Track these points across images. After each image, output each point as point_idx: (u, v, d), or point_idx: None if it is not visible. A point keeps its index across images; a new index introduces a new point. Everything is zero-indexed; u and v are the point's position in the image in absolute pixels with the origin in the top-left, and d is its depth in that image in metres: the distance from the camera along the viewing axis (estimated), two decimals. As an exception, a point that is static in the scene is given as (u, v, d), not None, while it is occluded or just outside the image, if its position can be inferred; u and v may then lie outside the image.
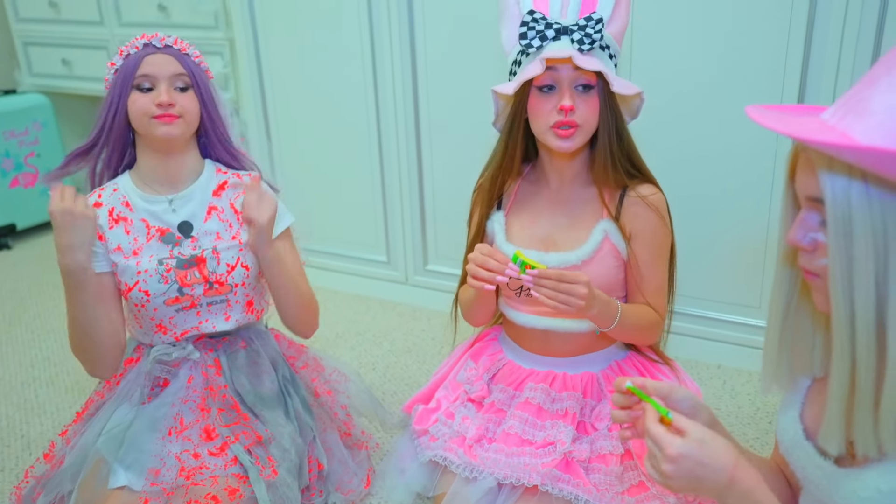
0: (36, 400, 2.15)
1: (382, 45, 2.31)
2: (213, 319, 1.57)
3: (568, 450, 1.46)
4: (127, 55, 1.48)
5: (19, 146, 3.26)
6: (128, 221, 1.54)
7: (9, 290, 2.89)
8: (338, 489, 1.65)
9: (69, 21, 3.11)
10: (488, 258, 1.37)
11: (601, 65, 1.34)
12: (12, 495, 1.56)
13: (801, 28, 1.77)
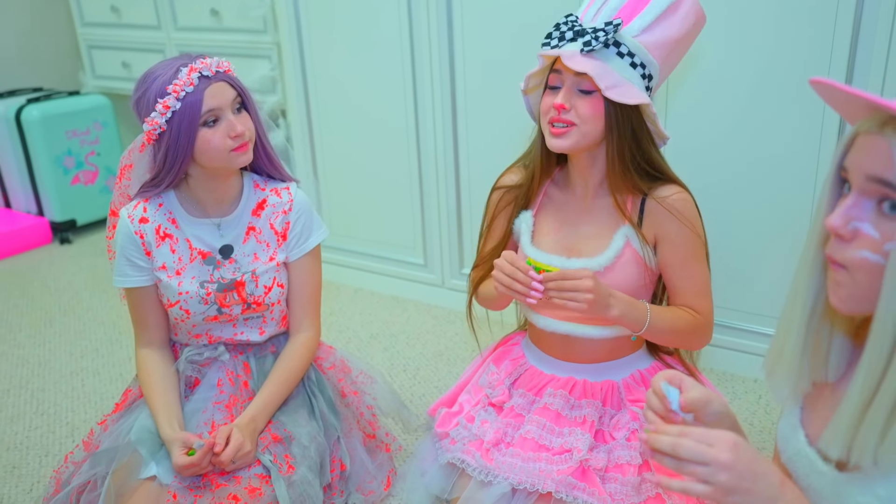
0: (82, 389, 2.24)
1: (421, 50, 2.33)
2: (248, 333, 1.62)
3: (584, 457, 1.45)
4: (184, 94, 1.41)
5: (81, 145, 3.39)
6: (173, 239, 1.56)
7: (66, 282, 3.00)
8: (358, 489, 1.67)
9: (129, 25, 3.23)
10: (517, 271, 1.35)
11: (596, 68, 1.32)
12: (52, 479, 1.62)
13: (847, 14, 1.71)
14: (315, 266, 1.65)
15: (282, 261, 1.60)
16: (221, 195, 1.56)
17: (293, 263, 1.62)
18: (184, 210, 1.57)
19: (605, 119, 1.39)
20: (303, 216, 1.61)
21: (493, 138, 2.30)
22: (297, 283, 1.63)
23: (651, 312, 1.41)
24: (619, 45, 1.36)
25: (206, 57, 1.46)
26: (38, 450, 1.98)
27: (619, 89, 1.34)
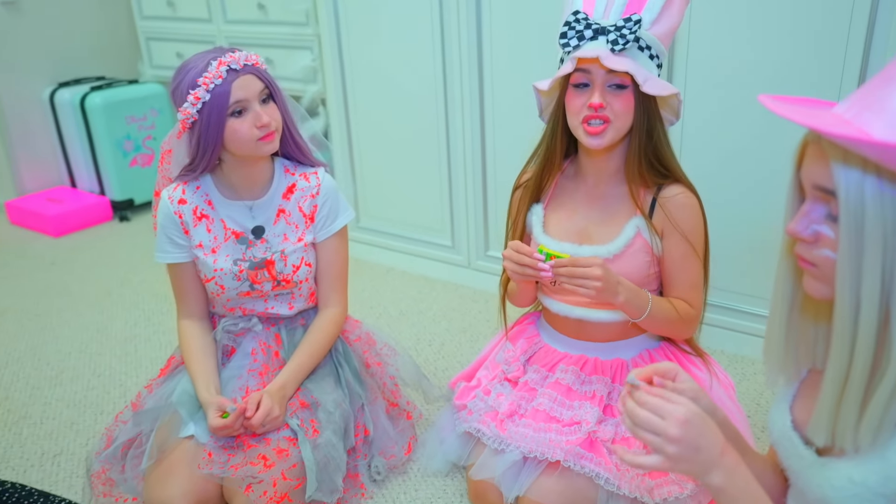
0: (135, 354, 2.30)
1: (451, 43, 2.32)
2: (278, 308, 1.64)
3: (592, 430, 1.45)
4: (213, 87, 1.42)
5: (139, 130, 3.45)
6: (209, 220, 1.58)
7: (124, 256, 3.07)
8: (381, 454, 1.69)
9: (183, 18, 3.25)
10: (522, 256, 1.35)
11: (631, 65, 1.30)
12: (104, 435, 1.67)
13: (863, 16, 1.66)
14: (341, 246, 1.66)
15: (309, 241, 1.61)
16: (253, 180, 1.58)
17: (321, 244, 1.63)
18: (219, 192, 1.59)
19: (635, 112, 1.37)
20: (329, 200, 1.61)
21: (518, 129, 2.28)
22: (324, 262, 1.64)
23: (652, 302, 1.40)
24: (639, 39, 1.33)
25: (237, 50, 1.46)
26: (93, 408, 2.04)
27: (651, 82, 1.33)
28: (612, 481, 1.39)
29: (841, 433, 0.78)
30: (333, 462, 1.51)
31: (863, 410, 0.76)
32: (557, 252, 1.33)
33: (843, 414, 0.78)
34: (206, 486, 1.50)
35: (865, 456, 0.78)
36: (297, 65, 2.84)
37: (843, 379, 0.77)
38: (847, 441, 0.78)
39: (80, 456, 1.82)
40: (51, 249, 3.19)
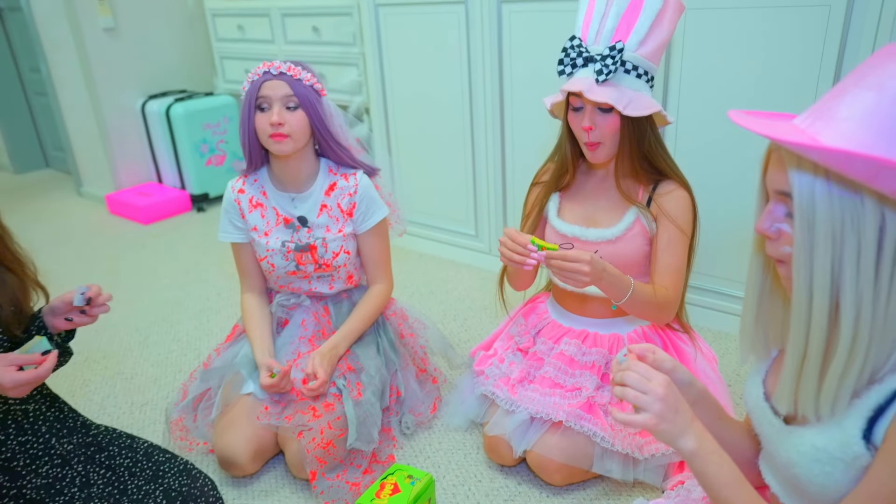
0: (207, 323, 2.34)
1: (476, 60, 2.30)
2: (320, 287, 1.65)
3: (591, 395, 1.44)
4: (252, 81, 1.47)
5: (213, 135, 3.48)
6: (263, 207, 1.60)
7: (199, 241, 3.11)
8: (410, 412, 1.71)
9: (251, 40, 3.29)
10: (515, 244, 1.30)
11: (613, 93, 1.27)
12: (180, 389, 1.71)
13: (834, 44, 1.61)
14: (381, 236, 1.66)
15: (349, 232, 1.61)
16: (295, 175, 1.58)
17: (362, 235, 1.63)
18: (272, 184, 1.61)
19: (621, 129, 1.34)
20: (365, 199, 1.60)
21: (532, 135, 2.25)
22: (367, 249, 1.65)
23: (634, 287, 1.35)
24: (625, 63, 1.30)
25: (285, 63, 1.47)
26: (173, 367, 2.08)
27: (633, 104, 1.29)
28: (607, 439, 1.39)
29: (802, 403, 0.77)
30: (371, 418, 1.53)
31: (820, 383, 0.74)
32: (548, 244, 1.30)
33: (802, 386, 0.76)
34: (264, 435, 1.53)
35: (826, 425, 0.76)
36: (345, 79, 2.85)
37: (801, 357, 0.75)
38: (808, 410, 0.76)
39: (161, 406, 1.86)
40: (141, 235, 3.25)
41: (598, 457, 1.41)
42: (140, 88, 3.55)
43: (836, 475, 0.75)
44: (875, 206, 0.67)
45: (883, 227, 0.68)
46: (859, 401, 0.73)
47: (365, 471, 1.52)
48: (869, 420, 0.72)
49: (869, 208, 0.67)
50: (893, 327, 0.71)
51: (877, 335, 0.70)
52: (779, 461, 0.84)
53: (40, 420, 1.25)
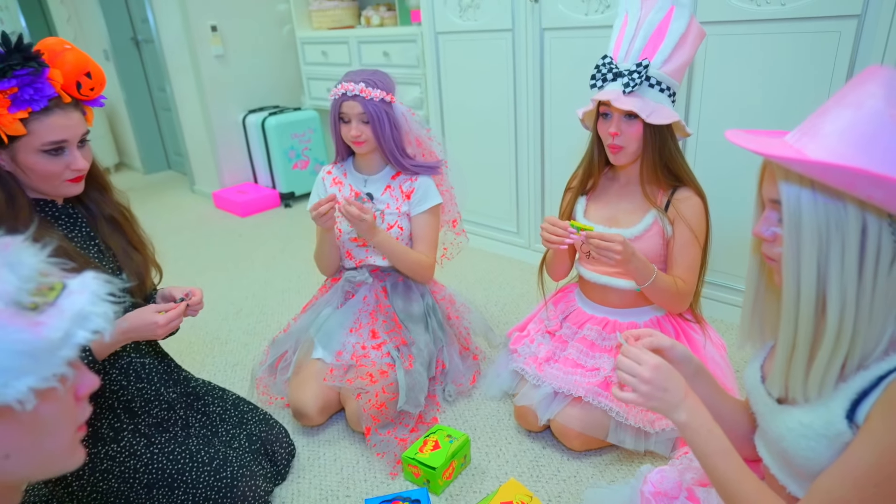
0: (288, 300, 2.39)
1: (521, 80, 2.28)
2: (374, 257, 1.67)
3: (608, 375, 1.42)
4: (334, 98, 1.53)
5: (299, 143, 3.56)
6: (342, 184, 1.67)
7: (285, 233, 3.18)
8: (453, 382, 1.72)
9: (333, 63, 3.34)
10: (555, 227, 1.32)
11: (638, 103, 1.26)
12: (265, 351, 1.77)
13: (843, 68, 1.52)
14: (432, 219, 1.66)
15: (404, 211, 1.63)
16: (369, 163, 1.65)
17: (416, 217, 1.64)
18: (353, 168, 1.67)
19: (644, 136, 1.32)
20: (422, 187, 1.63)
21: (567, 146, 2.22)
22: (418, 228, 1.65)
23: (657, 274, 1.35)
24: (650, 78, 1.27)
25: (365, 81, 1.50)
26: (259, 335, 2.14)
27: (655, 114, 1.27)
28: (621, 414, 1.37)
29: (792, 387, 0.75)
30: (419, 385, 1.55)
31: (808, 370, 0.73)
32: (586, 225, 1.30)
33: (792, 373, 0.74)
34: (329, 393, 1.58)
35: (813, 405, 0.74)
36: (409, 95, 2.87)
37: (791, 346, 0.73)
38: (797, 393, 0.74)
39: (248, 367, 1.91)
40: (239, 225, 3.35)
41: (612, 429, 1.40)
42: (241, 104, 3.67)
43: (820, 450, 0.72)
44: (857, 211, 0.65)
45: (865, 230, 0.65)
46: (845, 384, 0.71)
47: (412, 429, 1.54)
48: (853, 402, 0.70)
49: (852, 213, 0.65)
50: (878, 320, 0.68)
51: (861, 327, 0.68)
52: (771, 436, 0.82)
53: (153, 372, 1.32)
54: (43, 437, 0.52)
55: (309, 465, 1.50)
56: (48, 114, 1.03)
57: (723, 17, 1.68)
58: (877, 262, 0.66)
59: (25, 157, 1.05)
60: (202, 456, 1.25)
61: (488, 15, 2.29)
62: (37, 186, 1.10)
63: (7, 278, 0.46)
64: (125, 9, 4.15)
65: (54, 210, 1.16)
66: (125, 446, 1.21)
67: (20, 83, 0.98)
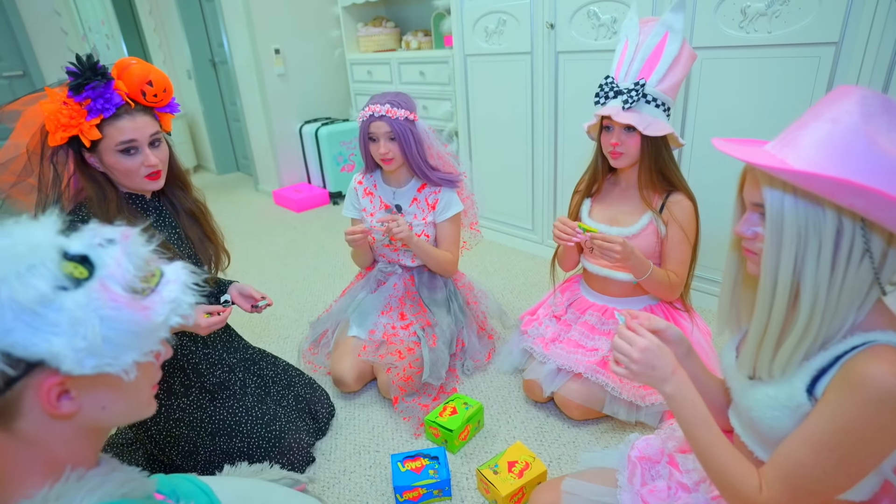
0: (333, 284, 2.41)
1: (538, 97, 2.26)
2: (404, 259, 1.68)
3: (605, 355, 1.41)
4: (363, 119, 1.50)
5: (346, 149, 3.58)
6: (372, 196, 1.66)
7: (331, 226, 3.19)
8: (471, 358, 1.72)
9: (376, 81, 3.35)
10: (565, 226, 1.34)
11: (635, 117, 1.24)
12: (309, 327, 1.81)
13: (822, 90, 1.46)
14: (454, 225, 1.65)
15: (430, 220, 1.62)
16: (398, 178, 1.62)
17: (441, 224, 1.64)
18: (382, 181, 1.65)
19: (641, 145, 1.31)
20: (444, 198, 1.61)
21: (577, 155, 2.20)
22: (442, 233, 1.65)
23: (652, 269, 1.34)
24: (646, 95, 1.26)
25: (390, 102, 1.47)
26: (307, 312, 2.16)
27: (652, 127, 1.26)
28: (616, 389, 1.36)
29: (759, 368, 0.75)
30: (441, 361, 1.56)
31: (775, 353, 0.72)
32: (591, 227, 1.31)
33: (761, 355, 0.74)
34: (363, 366, 1.60)
35: (779, 381, 0.74)
36: (441, 110, 2.88)
37: (763, 332, 0.73)
38: (763, 372, 0.74)
39: (297, 339, 1.95)
40: (294, 219, 3.38)
41: (608, 401, 1.39)
42: (299, 116, 3.71)
43: (783, 419, 0.72)
44: (834, 215, 0.64)
45: (840, 231, 0.64)
46: (808, 363, 0.71)
47: (434, 398, 1.56)
48: (813, 378, 0.69)
49: (829, 217, 0.64)
50: (843, 310, 0.68)
51: (828, 316, 0.68)
52: (741, 408, 0.81)
53: (218, 340, 1.37)
54: (130, 394, 0.55)
55: (345, 424, 1.53)
56: (117, 119, 1.07)
57: (716, 42, 1.63)
58: (848, 260, 0.65)
59: (108, 157, 1.09)
60: (256, 412, 1.30)
61: (510, 40, 2.28)
62: (122, 182, 1.14)
63: (127, 267, 0.49)
64: (205, 35, 4.27)
65: (143, 203, 1.21)
66: (193, 400, 1.27)
67: (92, 95, 1.03)
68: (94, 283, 0.46)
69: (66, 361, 0.45)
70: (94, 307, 0.45)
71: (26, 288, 0.43)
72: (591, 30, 1.98)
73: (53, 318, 0.44)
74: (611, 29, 1.92)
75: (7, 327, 0.44)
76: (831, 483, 0.68)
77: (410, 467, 1.27)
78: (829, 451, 0.66)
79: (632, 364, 0.82)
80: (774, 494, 0.71)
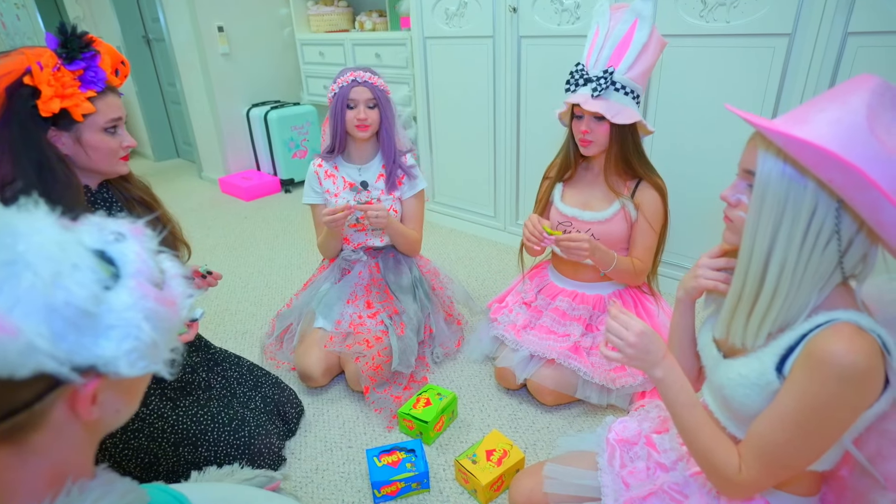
0: (290, 275, 2.34)
1: (500, 80, 2.24)
2: (373, 239, 1.64)
3: (577, 340, 1.43)
4: (342, 86, 1.46)
5: (298, 135, 3.46)
6: (334, 177, 1.59)
7: (285, 215, 3.10)
8: (440, 346, 1.71)
9: (328, 63, 3.24)
10: (535, 229, 1.33)
11: (604, 105, 1.25)
12: (270, 323, 1.74)
13: (776, 78, 1.53)
14: (419, 202, 1.63)
15: (397, 196, 1.59)
16: (362, 154, 1.58)
17: (406, 200, 1.61)
18: (343, 159, 1.60)
19: (611, 133, 1.31)
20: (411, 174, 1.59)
21: (540, 139, 2.20)
22: (407, 210, 1.62)
23: (617, 259, 1.36)
24: (615, 83, 1.26)
25: (368, 72, 1.47)
26: (265, 306, 2.09)
27: (620, 115, 1.26)
28: (588, 374, 1.38)
29: (732, 332, 0.77)
30: (410, 349, 1.54)
31: (748, 320, 0.75)
32: (556, 231, 1.32)
33: (735, 320, 0.77)
34: (330, 358, 1.56)
35: (749, 358, 0.76)
36: (399, 94, 2.81)
37: (738, 298, 0.75)
38: (737, 337, 0.77)
39: (257, 335, 1.88)
40: (243, 209, 3.26)
41: (580, 386, 1.41)
42: (246, 99, 3.55)
43: (753, 396, 0.75)
44: (814, 193, 0.66)
45: (815, 210, 0.67)
46: (775, 342, 0.73)
47: (405, 388, 1.54)
48: (781, 357, 0.72)
49: (809, 193, 0.66)
50: (805, 289, 0.70)
51: (793, 292, 0.70)
52: (714, 385, 0.84)
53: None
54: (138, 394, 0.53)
55: (315, 421, 1.48)
56: (106, 95, 1.02)
57: (676, 31, 1.67)
58: (816, 240, 0.68)
59: (91, 136, 1.02)
60: (222, 417, 1.22)
61: (472, 22, 2.24)
62: (97, 165, 1.06)
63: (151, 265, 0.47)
64: (137, 9, 3.95)
65: (90, 195, 1.10)
66: (153, 409, 1.17)
67: (86, 66, 0.96)
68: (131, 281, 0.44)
69: (121, 364, 0.44)
70: (140, 306, 0.44)
71: (81, 288, 0.41)
72: (555, 14, 1.97)
73: (107, 319, 0.43)
74: (574, 14, 1.92)
75: (61, 333, 0.41)
76: (801, 456, 0.71)
77: (387, 461, 1.24)
78: (798, 427, 0.69)
79: (627, 348, 0.82)
80: (752, 473, 0.74)
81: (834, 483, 0.84)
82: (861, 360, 0.64)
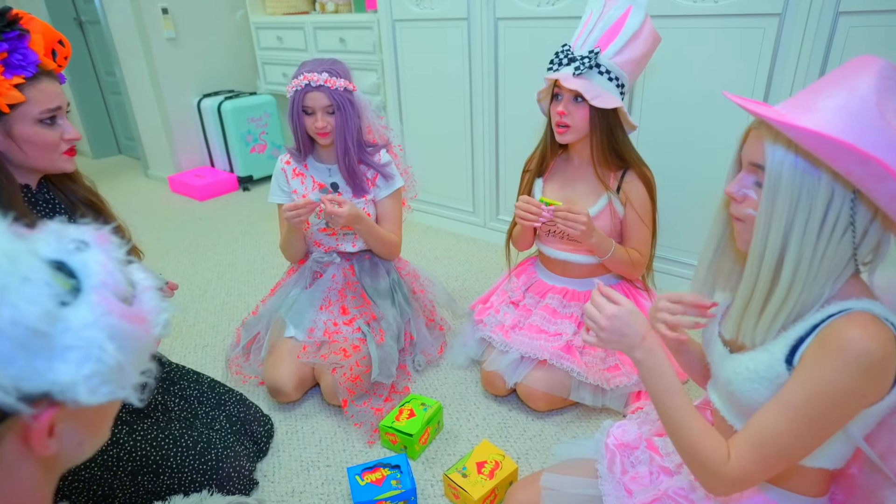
0: (254, 280, 2.30)
1: (476, 65, 2.23)
2: (345, 244, 1.61)
3: (569, 339, 1.44)
4: (297, 89, 1.41)
5: (256, 127, 3.40)
6: (303, 176, 1.57)
7: (245, 215, 3.04)
8: (422, 352, 1.70)
9: (288, 49, 3.18)
10: (529, 205, 1.34)
11: (584, 85, 1.26)
12: (235, 333, 1.70)
13: (767, 60, 1.57)
14: (396, 202, 1.61)
15: (370, 198, 1.57)
16: (330, 154, 1.55)
17: (381, 201, 1.59)
18: (312, 159, 1.57)
19: (590, 119, 1.32)
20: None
21: (521, 129, 2.21)
22: (383, 211, 1.60)
23: (615, 247, 1.38)
24: (599, 66, 1.27)
25: (327, 70, 1.40)
26: (227, 316, 2.04)
27: (600, 98, 1.27)
28: (581, 374, 1.39)
29: (743, 331, 0.78)
30: (390, 357, 1.52)
31: (759, 318, 0.76)
32: (554, 201, 1.33)
33: (746, 319, 0.77)
34: (304, 370, 1.53)
35: (757, 352, 0.77)
36: (366, 81, 2.77)
37: (749, 296, 0.76)
38: (747, 336, 0.77)
39: (219, 348, 1.83)
40: (198, 209, 3.19)
41: (574, 388, 1.42)
42: (196, 88, 3.45)
43: (761, 391, 0.76)
44: (828, 184, 0.67)
45: (831, 202, 0.68)
46: (786, 333, 0.74)
47: (386, 399, 1.52)
48: (791, 347, 0.73)
49: (823, 185, 0.67)
50: (821, 280, 0.72)
51: (808, 285, 0.71)
52: (721, 381, 0.84)
53: None
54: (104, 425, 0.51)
55: (288, 439, 1.44)
56: (39, 80, 0.94)
57: (663, 11, 1.70)
58: (832, 232, 0.69)
59: (23, 128, 0.94)
60: (185, 440, 1.17)
61: (445, 4, 2.23)
62: (34, 162, 0.99)
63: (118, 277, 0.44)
64: (66, -12, 3.78)
65: (29, 195, 1.03)
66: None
67: (10, 48, 0.88)
68: (93, 295, 0.41)
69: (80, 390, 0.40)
70: (102, 324, 0.41)
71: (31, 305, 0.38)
72: (533, -5, 1.98)
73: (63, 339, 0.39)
74: (554, -6, 1.93)
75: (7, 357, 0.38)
76: (799, 447, 0.72)
77: (370, 479, 1.22)
78: (803, 415, 0.69)
79: (600, 332, 0.84)
80: (742, 463, 0.74)
81: (843, 481, 0.86)
82: (877, 348, 0.65)
